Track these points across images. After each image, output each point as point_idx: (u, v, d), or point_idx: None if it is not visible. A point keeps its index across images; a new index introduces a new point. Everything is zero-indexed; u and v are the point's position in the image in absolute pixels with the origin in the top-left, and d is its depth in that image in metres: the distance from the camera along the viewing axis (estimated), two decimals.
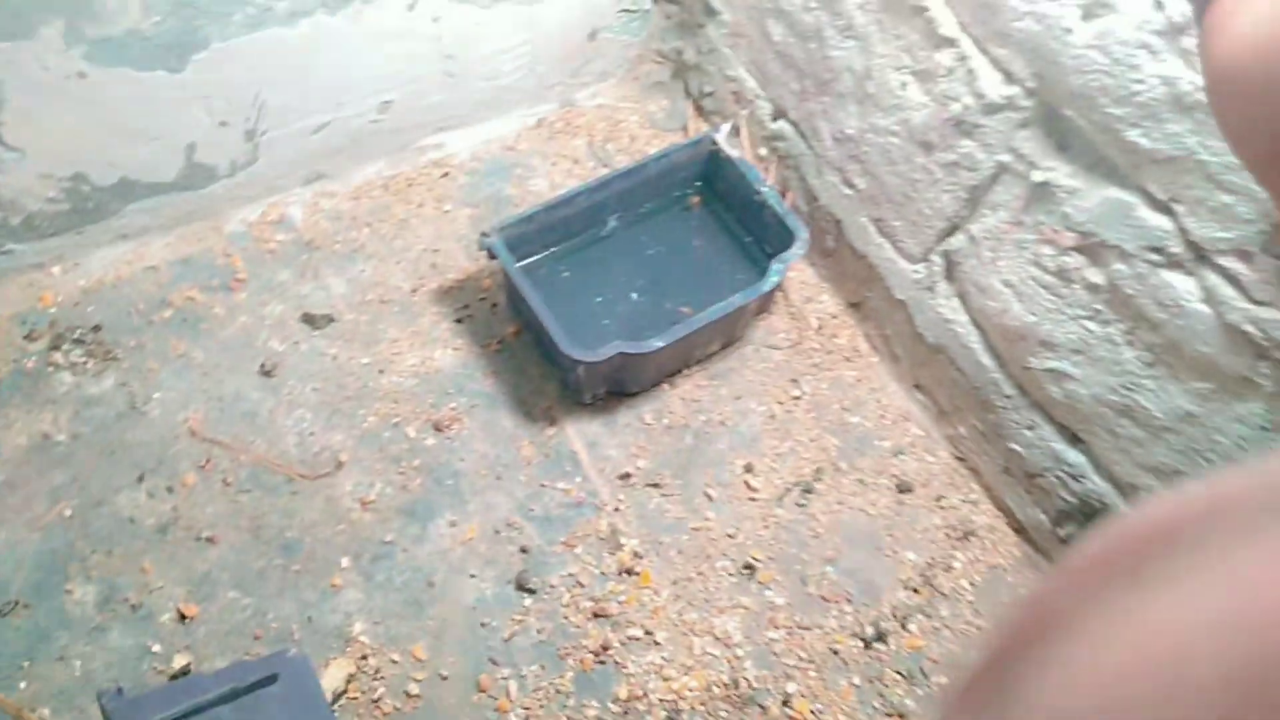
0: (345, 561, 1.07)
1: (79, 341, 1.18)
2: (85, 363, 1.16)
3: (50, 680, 0.98)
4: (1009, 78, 0.95)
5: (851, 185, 1.21)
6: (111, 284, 1.23)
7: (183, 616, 1.02)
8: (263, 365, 1.18)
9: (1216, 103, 0.28)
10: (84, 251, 1.23)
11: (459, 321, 1.25)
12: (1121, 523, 0.19)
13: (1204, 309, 0.86)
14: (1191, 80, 0.79)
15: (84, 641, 1.00)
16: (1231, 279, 0.83)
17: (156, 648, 1.00)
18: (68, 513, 1.07)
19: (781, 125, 1.29)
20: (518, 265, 1.17)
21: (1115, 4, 0.82)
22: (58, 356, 1.16)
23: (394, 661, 1.02)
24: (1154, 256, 0.88)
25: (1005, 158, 0.99)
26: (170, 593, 1.03)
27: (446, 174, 1.38)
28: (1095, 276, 0.94)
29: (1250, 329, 0.83)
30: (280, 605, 1.04)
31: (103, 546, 1.05)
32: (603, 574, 1.09)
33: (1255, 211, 0.79)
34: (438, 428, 1.16)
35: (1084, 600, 0.18)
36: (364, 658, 1.01)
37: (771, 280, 1.18)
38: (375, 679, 1.00)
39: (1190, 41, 0.78)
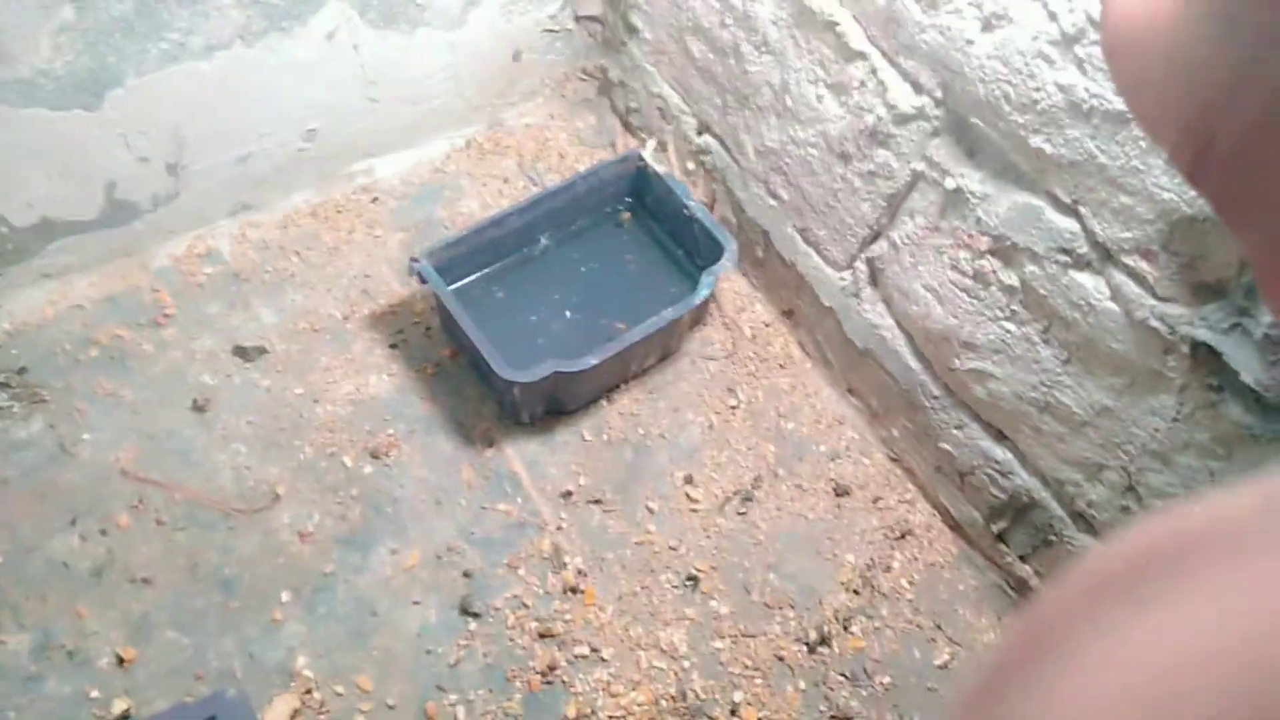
0: (285, 595, 1.06)
1: (4, 385, 1.15)
2: (11, 406, 1.14)
3: None
4: (918, 89, 0.98)
5: (776, 196, 1.23)
6: (36, 325, 1.21)
7: (121, 660, 1.00)
8: (195, 400, 1.17)
9: (1112, 64, 0.29)
10: (6, 294, 1.21)
11: (393, 347, 1.25)
12: (1120, 541, 0.19)
13: (1113, 307, 0.89)
14: (1087, 87, 0.82)
15: (19, 692, 0.98)
16: (1137, 277, 0.87)
17: (95, 693, 0.98)
18: None
19: (706, 139, 1.31)
20: (450, 288, 1.18)
21: (1012, 16, 0.85)
22: None
23: (339, 694, 1.01)
24: (1063, 257, 0.91)
25: (919, 166, 1.01)
26: (107, 637, 1.02)
27: (376, 199, 1.37)
28: (1010, 278, 0.97)
29: (1157, 324, 0.86)
30: (221, 643, 1.03)
31: (35, 593, 1.03)
32: (547, 594, 1.10)
33: (1154, 211, 0.82)
34: (375, 455, 1.16)
35: (1080, 619, 0.18)
36: (309, 692, 1.01)
37: (702, 293, 1.19)
38: (321, 713, 1.00)
39: (1083, 50, 0.81)
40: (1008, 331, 1.01)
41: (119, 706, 0.97)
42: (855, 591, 1.14)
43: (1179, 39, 0.26)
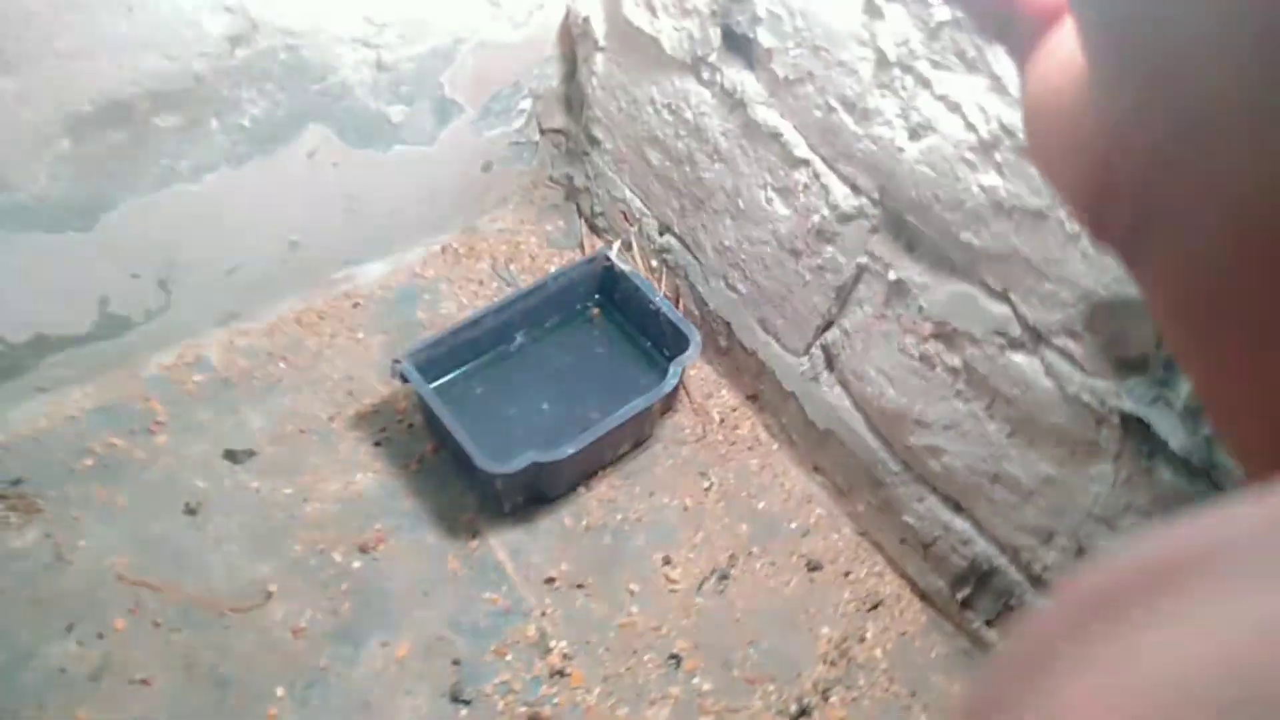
0: (280, 691, 1.09)
1: (1, 497, 1.19)
2: (8, 517, 1.18)
3: None
4: (856, 191, 1.07)
5: (735, 290, 1.31)
6: (31, 437, 1.25)
7: None
8: (187, 504, 1.21)
9: (1031, 138, 0.30)
10: (1, 408, 1.25)
11: (378, 444, 1.30)
12: (1115, 558, 0.19)
13: (1048, 383, 0.97)
14: (1006, 188, 0.91)
15: None
16: (1067, 356, 0.94)
17: None
18: None
19: (668, 239, 1.40)
20: (431, 386, 1.24)
21: (936, 126, 0.94)
22: None
23: None
24: (1000, 340, 0.99)
25: (863, 260, 1.10)
26: None
27: (357, 304, 1.44)
28: (953, 360, 1.05)
29: (1089, 399, 0.94)
30: None
31: (33, 701, 1.06)
32: (535, 678, 1.14)
33: (1074, 295, 0.90)
34: (364, 550, 1.20)
35: (1072, 636, 0.18)
36: None
37: (672, 381, 1.26)
38: None
39: (1001, 156, 0.90)
40: (955, 409, 1.08)
41: None
42: (832, 663, 1.19)
43: (1074, 103, 0.27)
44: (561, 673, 1.14)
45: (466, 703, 1.11)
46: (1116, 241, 0.27)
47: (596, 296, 1.43)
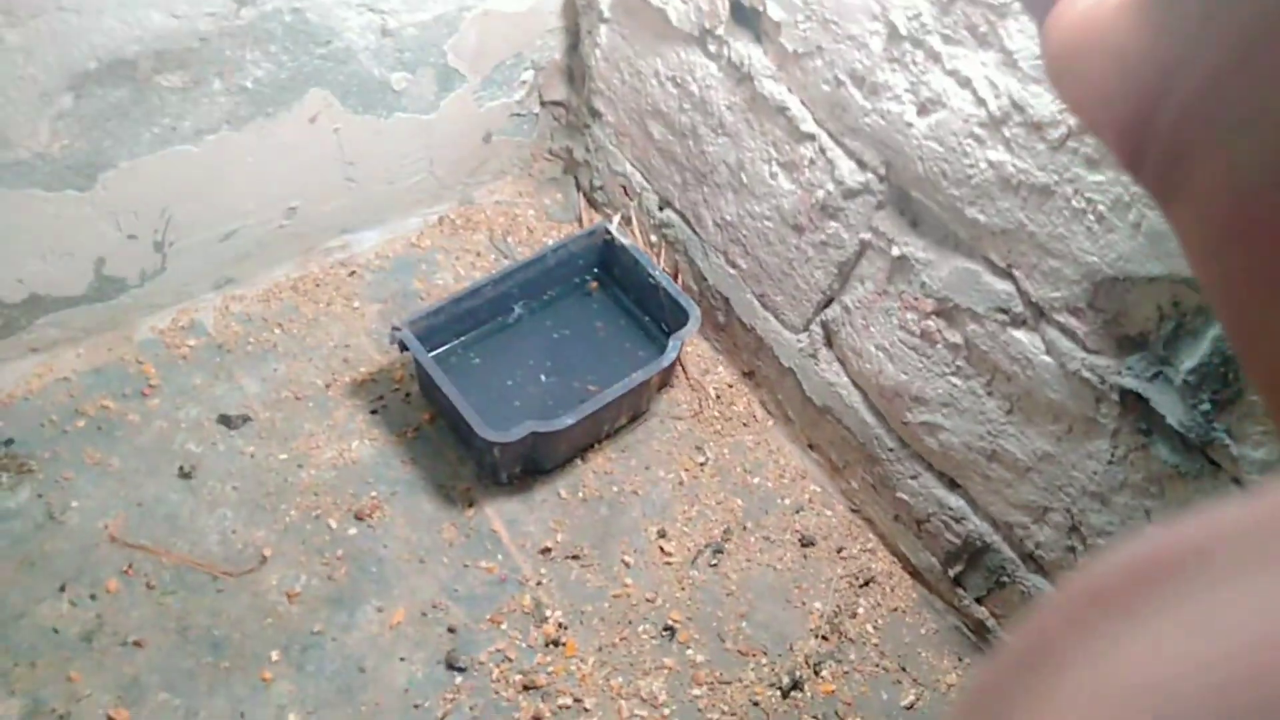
0: (275, 655, 1.09)
1: None
2: None
3: None
4: (863, 166, 1.07)
5: (735, 266, 1.31)
6: (23, 397, 1.24)
7: None
8: (181, 468, 1.20)
9: (1053, 68, 0.30)
10: None
11: (374, 413, 1.29)
12: (1115, 555, 0.19)
13: (1048, 360, 0.98)
14: (1014, 164, 0.91)
15: None
16: (1068, 332, 0.95)
17: None
18: None
19: (668, 214, 1.40)
20: (430, 355, 1.23)
21: (945, 101, 0.95)
22: None
23: None
24: (1001, 316, 1.00)
25: (867, 236, 1.10)
26: (99, 700, 1.03)
27: (353, 272, 1.43)
28: (954, 337, 1.06)
29: (1089, 375, 0.95)
30: (212, 703, 1.05)
31: (25, 659, 1.05)
32: (530, 647, 1.14)
33: (1079, 272, 0.91)
34: (359, 517, 1.20)
35: (1072, 633, 0.18)
36: None
37: (671, 355, 1.26)
38: None
39: (1009, 131, 0.91)
40: (954, 386, 1.09)
41: None
42: (824, 638, 1.20)
43: (1117, 34, 0.27)
44: (556, 642, 1.15)
45: (462, 670, 1.11)
46: (1155, 172, 0.27)
47: (596, 270, 1.43)
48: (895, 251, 1.08)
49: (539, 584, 1.19)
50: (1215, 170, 0.24)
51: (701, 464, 1.32)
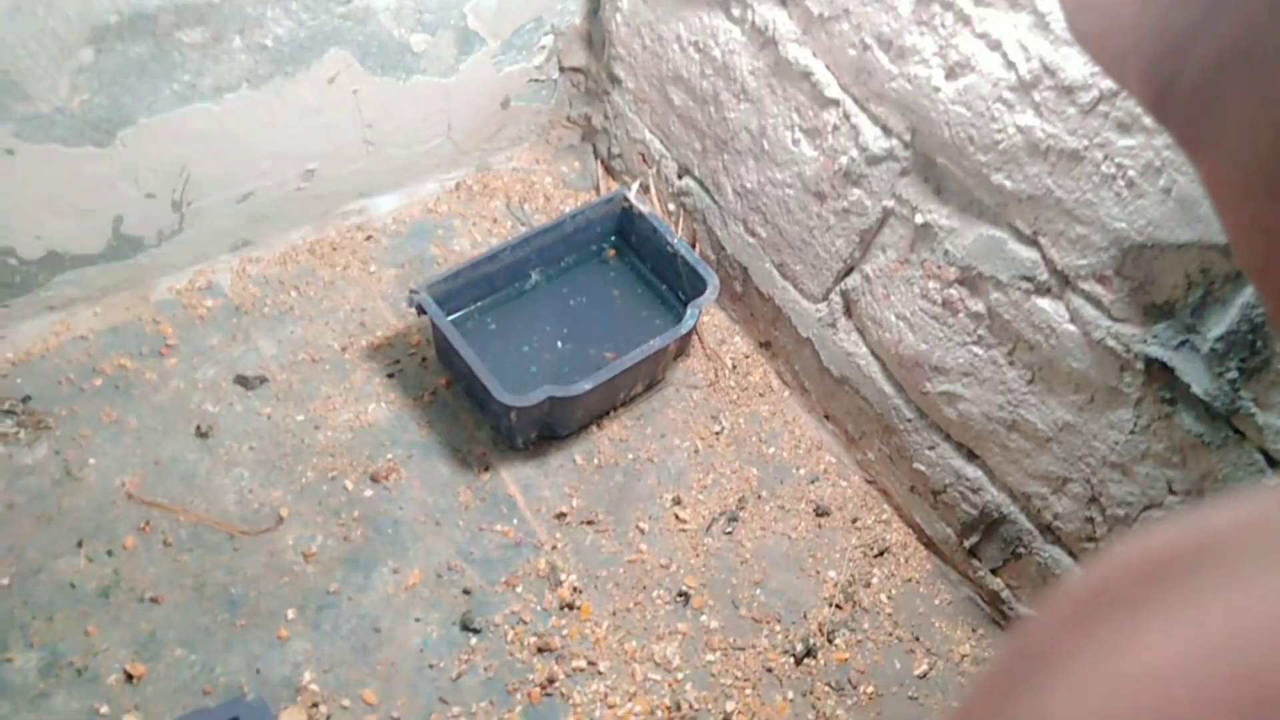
0: (291, 613, 1.09)
1: (9, 412, 1.18)
2: (17, 433, 1.17)
3: None
4: (888, 132, 1.06)
5: (754, 234, 1.30)
6: (40, 355, 1.24)
7: (129, 677, 1.03)
8: (198, 427, 1.21)
9: (1075, 16, 0.30)
10: (10, 324, 1.24)
11: (390, 376, 1.29)
12: (1118, 553, 0.19)
13: (1072, 329, 0.98)
14: (1043, 128, 0.90)
15: (27, 709, 1.00)
16: (1093, 300, 0.95)
17: (104, 709, 1.00)
18: (4, 581, 1.07)
19: (687, 182, 1.39)
20: (448, 319, 1.23)
21: (974, 64, 0.94)
22: None
23: (345, 707, 1.04)
24: (1026, 285, 1.00)
25: (890, 203, 1.09)
26: (115, 654, 1.04)
27: (370, 237, 1.43)
28: (976, 305, 1.05)
29: (1113, 344, 0.94)
30: (228, 659, 1.05)
31: (43, 613, 1.06)
32: (544, 610, 1.14)
33: (1107, 240, 0.90)
34: (375, 479, 1.20)
35: (1073, 630, 0.18)
36: (315, 705, 1.04)
37: (688, 323, 1.26)
38: None
39: (1039, 95, 0.90)
40: (975, 355, 1.08)
41: None
42: (838, 606, 1.20)
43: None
44: (571, 606, 1.15)
45: (477, 631, 1.11)
46: (1185, 114, 0.26)
47: (613, 238, 1.42)
48: (919, 219, 1.07)
49: (554, 548, 1.19)
50: (1253, 109, 0.24)
51: (717, 433, 1.32)
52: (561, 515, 1.21)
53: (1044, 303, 0.99)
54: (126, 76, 1.13)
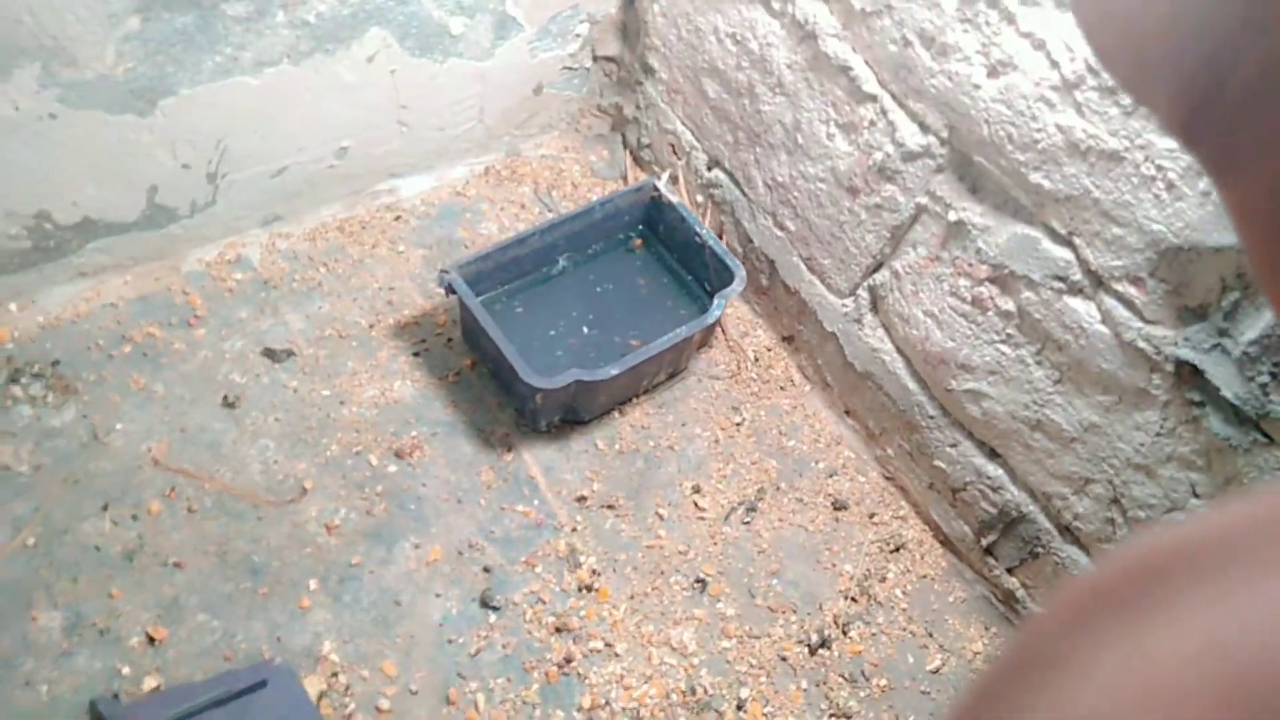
0: (313, 584, 1.10)
1: (38, 376, 1.19)
2: (45, 396, 1.18)
3: (16, 705, 0.98)
4: (925, 129, 1.07)
5: (783, 227, 1.31)
6: (70, 320, 1.25)
7: (151, 639, 1.03)
8: (225, 397, 1.21)
9: (1095, 31, 0.28)
10: (42, 289, 1.25)
11: (416, 355, 1.30)
12: (1117, 556, 0.19)
13: (1103, 329, 0.98)
14: (1084, 129, 0.91)
15: (50, 667, 1.01)
16: (1126, 302, 0.95)
17: (126, 670, 1.01)
18: (31, 541, 1.08)
19: (716, 174, 1.40)
20: (476, 300, 1.24)
21: (1017, 63, 0.95)
22: (16, 390, 1.18)
23: (364, 678, 1.05)
24: (1058, 284, 1.00)
25: (923, 200, 1.10)
26: (138, 617, 1.05)
27: (399, 217, 1.44)
28: (1007, 304, 1.06)
29: (1144, 345, 0.95)
30: (249, 626, 1.06)
31: (68, 574, 1.06)
32: (563, 591, 1.15)
33: (1143, 241, 0.91)
34: (399, 455, 1.21)
35: (1075, 632, 0.18)
36: (334, 675, 1.04)
37: (715, 313, 1.27)
38: (346, 695, 1.03)
39: (1082, 95, 0.90)
40: (1003, 354, 1.09)
41: (149, 683, 1.00)
42: (853, 599, 1.21)
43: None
44: (590, 588, 1.15)
45: (496, 609, 1.12)
46: (1218, 143, 0.25)
47: (640, 227, 1.43)
48: (952, 216, 1.07)
49: (574, 531, 1.19)
50: (1260, 162, 0.23)
51: (737, 424, 1.32)
52: (582, 498, 1.22)
53: (1075, 303, 1.00)
54: (171, 46, 1.13)
